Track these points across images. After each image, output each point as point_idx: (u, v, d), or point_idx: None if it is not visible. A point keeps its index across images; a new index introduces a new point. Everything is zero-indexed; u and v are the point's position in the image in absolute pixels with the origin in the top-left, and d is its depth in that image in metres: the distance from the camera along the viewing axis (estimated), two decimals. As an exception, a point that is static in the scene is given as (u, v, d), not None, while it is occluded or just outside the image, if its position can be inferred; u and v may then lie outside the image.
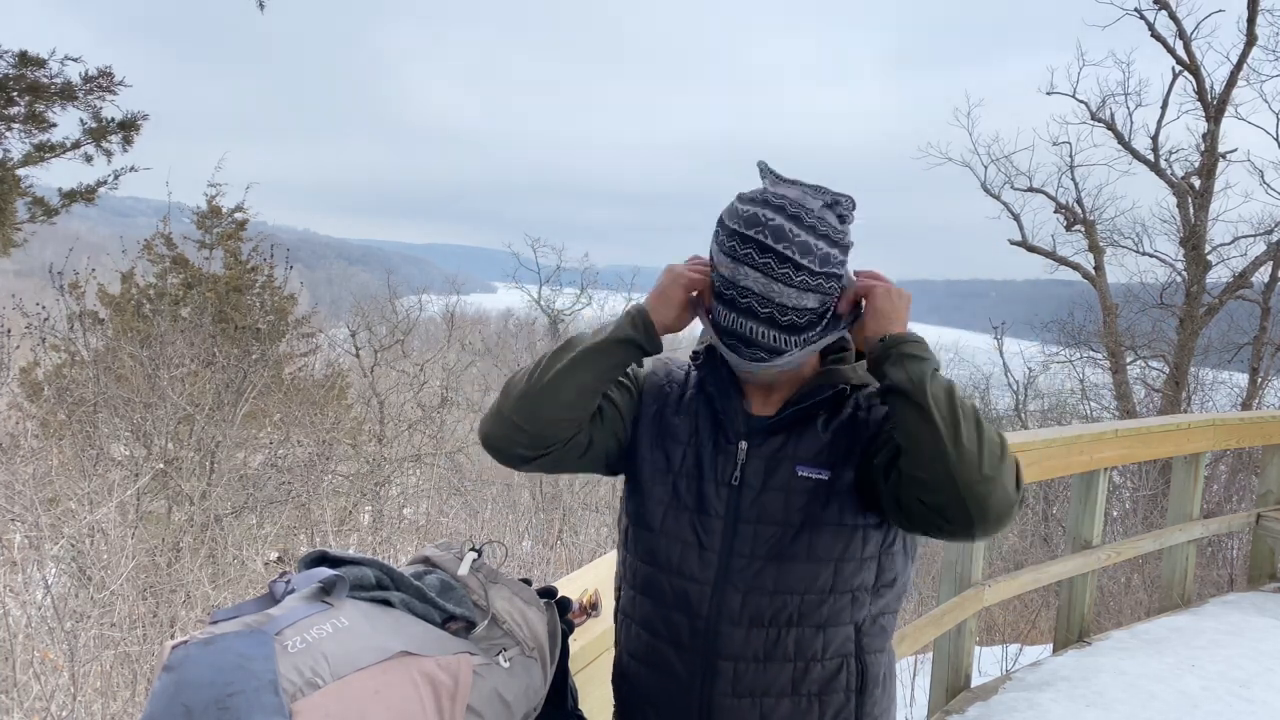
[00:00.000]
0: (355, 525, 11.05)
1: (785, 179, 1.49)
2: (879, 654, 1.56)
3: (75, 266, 11.40)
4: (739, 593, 1.49)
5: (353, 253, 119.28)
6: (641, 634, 1.60)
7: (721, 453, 1.54)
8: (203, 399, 9.88)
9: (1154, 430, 5.48)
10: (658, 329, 1.54)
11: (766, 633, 1.49)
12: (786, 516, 1.49)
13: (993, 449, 1.35)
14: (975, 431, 1.35)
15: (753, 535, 1.49)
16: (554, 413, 1.51)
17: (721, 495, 1.52)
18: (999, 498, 1.34)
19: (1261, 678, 4.54)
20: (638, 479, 1.61)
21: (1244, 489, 11.55)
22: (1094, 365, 17.62)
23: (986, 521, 1.36)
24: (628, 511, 1.64)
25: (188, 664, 1.20)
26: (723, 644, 1.50)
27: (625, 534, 1.65)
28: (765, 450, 1.52)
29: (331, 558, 1.49)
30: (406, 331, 18.10)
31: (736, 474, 1.52)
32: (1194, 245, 14.74)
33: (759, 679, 1.50)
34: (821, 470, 1.49)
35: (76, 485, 8.12)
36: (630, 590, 1.64)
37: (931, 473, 1.35)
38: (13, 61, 8.01)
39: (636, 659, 1.62)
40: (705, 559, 1.51)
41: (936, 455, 1.34)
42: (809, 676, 1.50)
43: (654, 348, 1.55)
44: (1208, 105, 14.55)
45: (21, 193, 8.61)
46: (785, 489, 1.50)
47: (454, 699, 1.37)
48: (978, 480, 1.33)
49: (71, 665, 5.23)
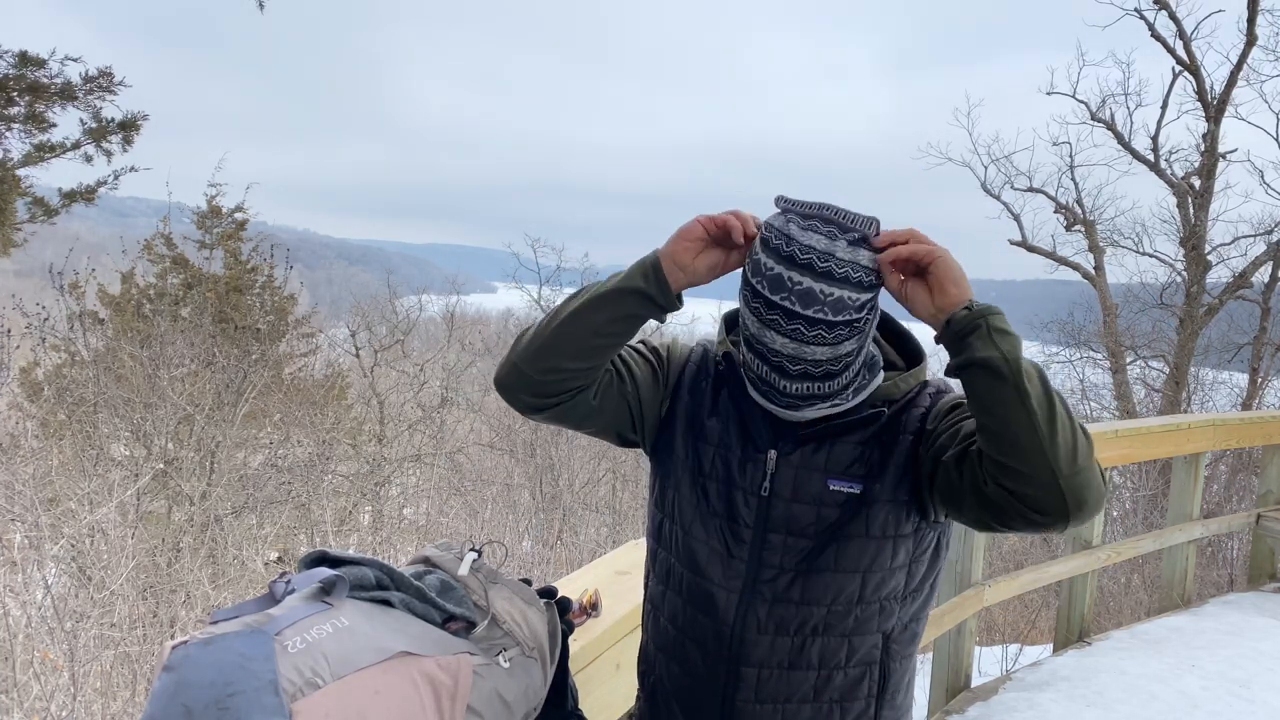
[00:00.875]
0: (355, 525, 11.06)
1: (808, 212, 1.36)
2: (905, 660, 1.54)
3: (75, 266, 11.40)
4: (765, 603, 1.47)
5: (353, 253, 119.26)
6: (669, 629, 1.59)
7: (750, 461, 1.49)
8: (203, 399, 9.88)
9: (1154, 430, 5.48)
10: (673, 282, 1.41)
11: (791, 641, 1.47)
12: (816, 529, 1.45)
13: (1082, 437, 1.26)
14: (1069, 419, 1.26)
15: (782, 546, 1.46)
16: (557, 360, 1.43)
17: (751, 505, 1.48)
18: (1095, 488, 1.26)
19: (1261, 678, 4.54)
20: (671, 473, 1.58)
21: (1244, 489, 11.54)
22: (1094, 365, 17.62)
23: (1082, 513, 1.27)
24: (659, 503, 1.61)
25: (188, 664, 1.20)
26: (747, 651, 1.48)
27: (658, 525, 1.61)
28: (795, 460, 1.47)
29: (331, 558, 1.49)
30: (406, 331, 18.10)
31: (766, 484, 1.47)
32: (1194, 245, 14.74)
33: (781, 686, 1.48)
34: (854, 484, 1.44)
35: (76, 485, 8.12)
36: (659, 584, 1.62)
37: (1026, 461, 1.24)
38: (13, 61, 8.01)
39: (663, 652, 1.61)
40: (732, 567, 1.49)
41: (1033, 442, 1.23)
42: (831, 684, 1.48)
43: (667, 302, 1.42)
44: (1208, 105, 14.55)
45: (21, 193, 8.62)
46: (816, 501, 1.45)
47: (454, 699, 1.37)
48: (1074, 470, 1.24)
49: (71, 665, 5.23)
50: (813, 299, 1.32)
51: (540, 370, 1.45)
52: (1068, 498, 1.25)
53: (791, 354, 1.37)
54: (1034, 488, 1.25)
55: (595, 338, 1.43)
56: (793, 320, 1.34)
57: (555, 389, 1.46)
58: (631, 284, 1.41)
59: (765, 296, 1.35)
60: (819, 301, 1.32)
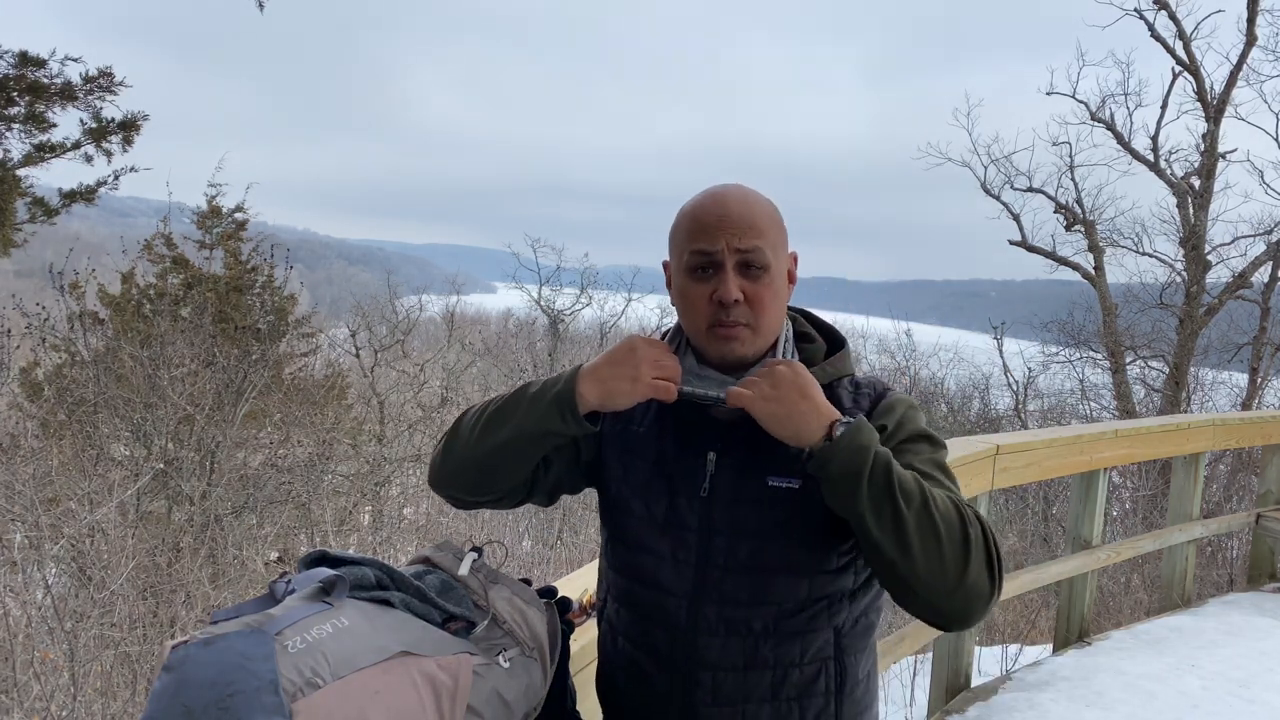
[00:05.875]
0: (355, 525, 11.06)
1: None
2: (860, 654, 1.53)
3: (75, 266, 11.39)
4: (715, 604, 1.47)
5: (353, 253, 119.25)
6: (625, 645, 1.59)
7: (689, 464, 1.49)
8: (203, 399, 9.88)
9: (1154, 430, 5.49)
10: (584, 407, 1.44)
11: (744, 642, 1.47)
12: (760, 528, 1.45)
13: (954, 549, 1.28)
14: (932, 538, 1.27)
15: (727, 547, 1.46)
16: (478, 477, 1.54)
17: (694, 508, 1.48)
18: (973, 601, 1.30)
19: (1261, 678, 4.54)
20: (608, 493, 1.59)
21: (1244, 489, 11.55)
22: (1094, 365, 17.63)
23: (965, 624, 1.35)
24: (604, 524, 1.63)
25: (188, 664, 1.20)
26: (701, 655, 1.48)
27: (606, 544, 1.63)
28: (734, 460, 1.47)
29: (331, 558, 1.49)
30: (406, 331, 18.11)
31: (706, 485, 1.47)
32: (1194, 245, 14.75)
33: (739, 688, 1.48)
34: (792, 480, 1.44)
35: (76, 485, 8.13)
36: (614, 603, 1.62)
37: (893, 590, 1.34)
38: (13, 61, 8.02)
39: (620, 670, 1.61)
40: (680, 572, 1.49)
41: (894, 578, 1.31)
42: (788, 682, 1.48)
43: (581, 434, 1.49)
44: (1207, 105, 14.56)
45: (21, 193, 8.62)
46: (758, 500, 1.45)
47: (454, 699, 1.37)
48: (945, 593, 1.29)
49: (71, 665, 5.23)
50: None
51: (467, 481, 1.56)
52: (943, 619, 1.34)
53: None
54: (910, 608, 1.34)
55: (517, 455, 1.51)
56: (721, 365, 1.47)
57: (484, 492, 1.56)
58: (550, 425, 1.45)
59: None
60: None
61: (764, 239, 1.41)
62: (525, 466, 1.53)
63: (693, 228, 1.43)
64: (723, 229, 1.40)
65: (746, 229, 1.40)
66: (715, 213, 1.42)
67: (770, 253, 1.42)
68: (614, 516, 1.59)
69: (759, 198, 1.46)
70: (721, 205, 1.43)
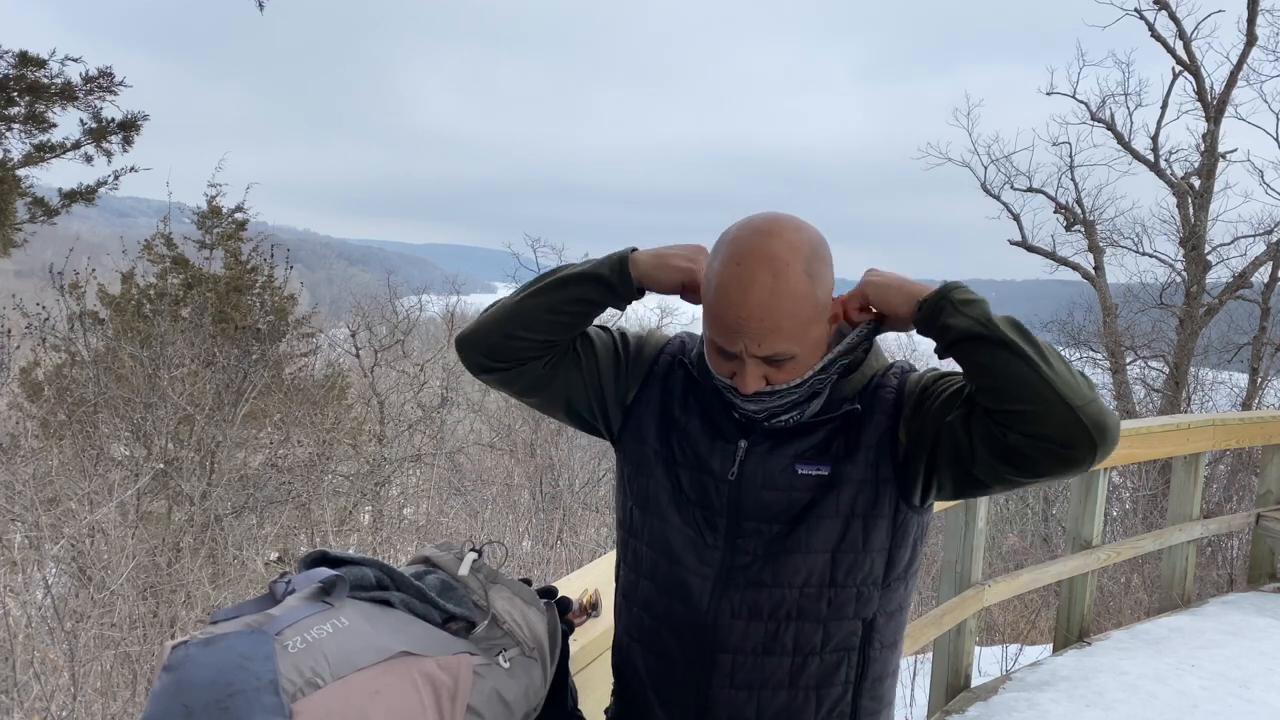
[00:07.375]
0: (355, 525, 11.07)
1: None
2: (887, 649, 1.54)
3: (75, 266, 11.38)
4: (739, 588, 1.48)
5: (353, 253, 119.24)
6: (643, 617, 1.59)
7: (721, 449, 1.51)
8: (203, 399, 9.88)
9: (1154, 430, 5.48)
10: (637, 282, 1.52)
11: (765, 626, 1.47)
12: (788, 513, 1.47)
13: (1079, 373, 1.31)
14: (1061, 359, 1.30)
15: (754, 532, 1.47)
16: (512, 328, 1.53)
17: (722, 491, 1.49)
18: (1111, 414, 1.29)
19: (1261, 678, 4.54)
20: (642, 461, 1.59)
21: (1244, 489, 11.54)
22: (1094, 365, 17.60)
23: (1105, 438, 1.29)
24: (631, 492, 1.62)
25: (188, 664, 1.20)
26: (722, 637, 1.49)
27: (629, 514, 1.62)
28: (765, 448, 1.49)
29: (331, 558, 1.49)
30: (406, 331, 18.08)
31: (734, 470, 1.49)
32: (1194, 245, 14.75)
33: (757, 672, 1.49)
34: (822, 466, 1.46)
35: (76, 485, 8.13)
36: (631, 572, 1.62)
37: (1039, 401, 1.27)
38: (13, 61, 8.01)
39: (637, 641, 1.61)
40: (706, 555, 1.50)
41: (1039, 383, 1.27)
42: (807, 670, 1.48)
43: (626, 292, 1.52)
44: (1208, 105, 14.56)
45: (21, 193, 8.62)
46: (785, 487, 1.47)
47: (454, 699, 1.37)
48: (1087, 400, 1.28)
49: (71, 665, 5.23)
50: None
51: (496, 334, 1.55)
52: (1089, 425, 1.27)
53: (755, 410, 1.46)
54: (1053, 425, 1.28)
55: (550, 314, 1.53)
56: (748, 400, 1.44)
57: (505, 355, 1.55)
58: (597, 270, 1.52)
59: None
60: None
61: (787, 340, 1.37)
62: (556, 331, 1.54)
63: (714, 313, 1.40)
64: (743, 333, 1.37)
65: (767, 333, 1.36)
66: (735, 314, 1.36)
67: (796, 343, 1.38)
68: (645, 484, 1.58)
69: (789, 282, 1.35)
70: (741, 305, 1.35)
